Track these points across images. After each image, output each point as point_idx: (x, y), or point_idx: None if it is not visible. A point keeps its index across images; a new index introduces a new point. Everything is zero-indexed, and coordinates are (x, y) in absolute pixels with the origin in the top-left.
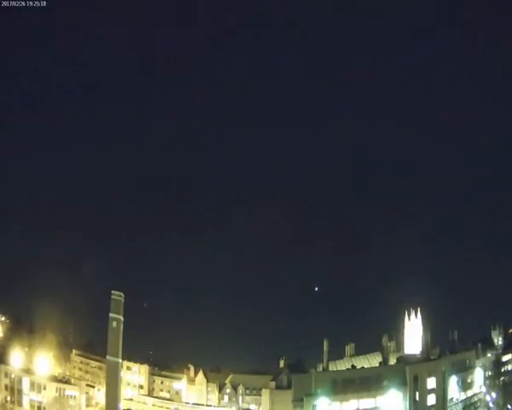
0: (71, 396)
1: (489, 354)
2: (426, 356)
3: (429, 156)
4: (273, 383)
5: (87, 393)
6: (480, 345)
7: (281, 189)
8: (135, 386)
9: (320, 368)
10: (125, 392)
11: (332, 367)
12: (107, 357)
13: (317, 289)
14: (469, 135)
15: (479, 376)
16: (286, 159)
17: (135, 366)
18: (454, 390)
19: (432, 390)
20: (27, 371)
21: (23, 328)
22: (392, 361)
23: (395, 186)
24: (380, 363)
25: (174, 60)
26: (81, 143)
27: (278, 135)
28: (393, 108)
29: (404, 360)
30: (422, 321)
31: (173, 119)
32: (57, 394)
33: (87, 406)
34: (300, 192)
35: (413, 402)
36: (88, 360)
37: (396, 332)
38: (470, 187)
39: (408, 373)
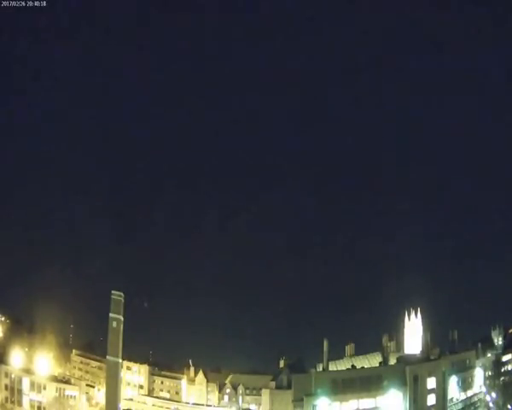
0: (71, 396)
1: (489, 354)
2: (426, 356)
3: (427, 156)
4: (273, 383)
5: (87, 393)
6: (480, 345)
7: (282, 190)
8: (135, 386)
9: (320, 368)
10: (125, 392)
11: (332, 367)
12: (107, 357)
13: None
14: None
15: (479, 376)
16: (290, 158)
17: (135, 366)
18: (454, 390)
19: (432, 390)
20: (27, 371)
21: (23, 328)
22: (392, 361)
23: (395, 186)
24: (380, 363)
25: None
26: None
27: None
28: None
29: (404, 360)
30: (422, 321)
31: None
32: (57, 394)
33: (87, 406)
34: (300, 194)
35: (413, 402)
36: (88, 360)
37: (396, 332)
38: (470, 187)
39: (408, 373)
